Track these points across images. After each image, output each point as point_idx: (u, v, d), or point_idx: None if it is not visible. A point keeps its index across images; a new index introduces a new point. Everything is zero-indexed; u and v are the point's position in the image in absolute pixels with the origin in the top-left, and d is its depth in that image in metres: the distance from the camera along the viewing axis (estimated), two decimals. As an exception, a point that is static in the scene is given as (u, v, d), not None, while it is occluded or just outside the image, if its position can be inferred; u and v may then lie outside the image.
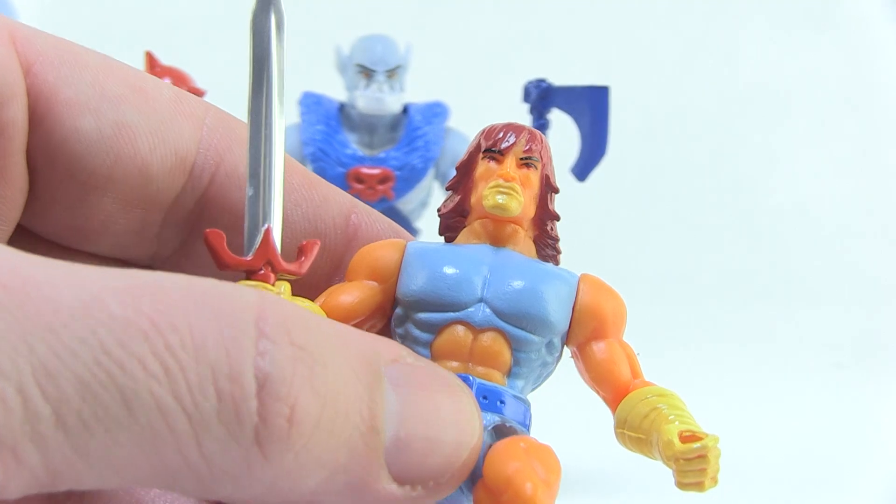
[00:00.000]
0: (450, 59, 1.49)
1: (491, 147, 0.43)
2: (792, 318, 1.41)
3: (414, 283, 0.41)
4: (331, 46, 1.05)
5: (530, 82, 0.97)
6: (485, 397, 0.40)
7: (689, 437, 0.37)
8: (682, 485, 0.37)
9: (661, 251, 1.52)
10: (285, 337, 0.29)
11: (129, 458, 0.27)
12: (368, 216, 0.46)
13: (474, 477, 0.36)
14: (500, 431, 0.39)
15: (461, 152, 1.17)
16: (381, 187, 1.04)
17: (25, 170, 0.41)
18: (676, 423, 0.38)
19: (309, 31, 1.41)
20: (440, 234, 0.45)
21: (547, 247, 0.45)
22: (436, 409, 0.33)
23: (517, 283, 0.41)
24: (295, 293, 0.40)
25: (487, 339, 0.41)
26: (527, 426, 0.41)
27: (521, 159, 0.43)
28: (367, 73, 1.02)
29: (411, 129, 1.05)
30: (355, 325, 0.42)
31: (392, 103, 1.03)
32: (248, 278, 0.37)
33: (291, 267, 0.38)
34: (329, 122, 1.05)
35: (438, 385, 0.35)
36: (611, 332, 0.43)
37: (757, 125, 1.61)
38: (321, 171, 1.04)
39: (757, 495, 0.85)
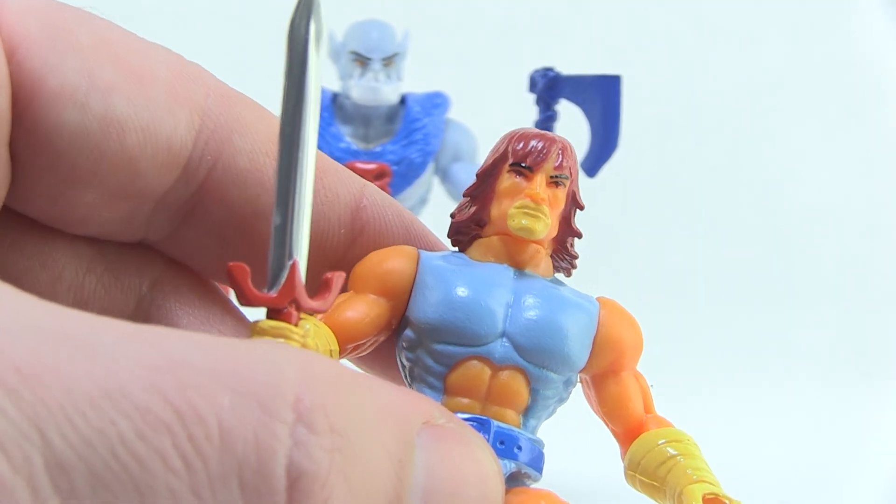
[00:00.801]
0: (450, 46, 1.47)
1: (520, 161, 0.42)
2: (817, 324, 1.39)
3: (430, 308, 0.40)
4: (323, 32, 1.03)
5: (537, 71, 0.95)
6: (502, 442, 0.39)
7: (712, 501, 0.39)
8: None
9: (676, 250, 1.51)
10: (325, 422, 0.28)
11: None
12: (378, 209, 0.45)
13: None
14: (514, 478, 0.39)
15: (463, 145, 1.16)
16: (377, 183, 1.01)
17: (9, 160, 0.39)
18: (694, 477, 0.40)
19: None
20: (449, 236, 0.44)
21: (562, 261, 0.44)
22: (459, 481, 0.33)
23: (540, 317, 0.40)
24: None
25: (506, 377, 0.40)
26: (540, 470, 0.41)
27: (552, 177, 0.41)
28: (362, 60, 1.00)
29: (409, 121, 1.03)
30: (359, 345, 0.41)
31: (389, 93, 1.00)
32: (269, 316, 0.35)
33: (316, 304, 0.36)
34: (321, 113, 1.03)
35: (465, 451, 0.34)
36: (628, 364, 0.43)
37: (779, 118, 1.60)
38: (313, 167, 1.02)
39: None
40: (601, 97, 0.90)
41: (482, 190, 0.43)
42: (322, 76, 0.37)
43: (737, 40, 1.62)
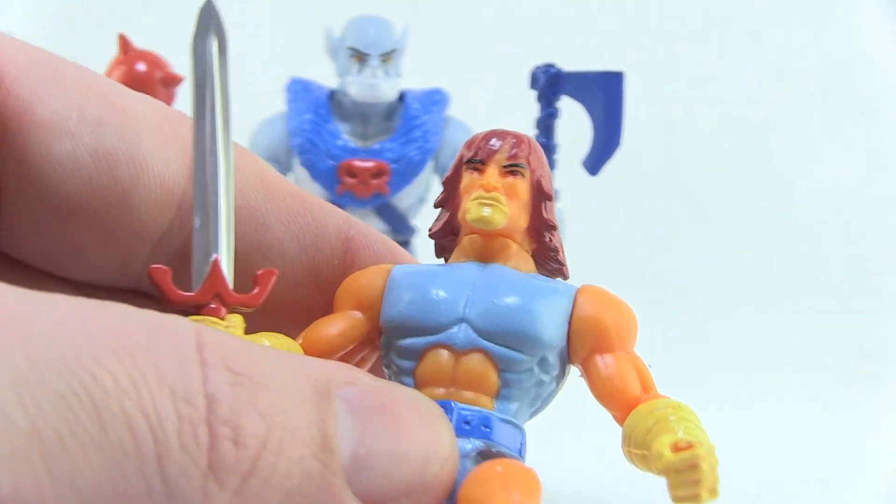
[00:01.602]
0: (450, 42, 1.47)
1: (472, 157, 0.42)
2: (826, 323, 1.39)
3: (391, 308, 0.40)
4: (320, 28, 1.03)
5: (538, 67, 0.95)
6: (467, 423, 0.39)
7: (682, 448, 0.36)
8: (676, 498, 0.36)
9: (679, 249, 1.51)
10: (221, 363, 0.31)
11: (95, 481, 0.28)
12: (366, 238, 0.46)
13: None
14: (485, 457, 0.39)
15: (462, 143, 1.16)
16: (375, 182, 1.02)
17: None
18: (672, 426, 0.38)
19: (297, 12, 1.40)
20: (437, 256, 0.44)
21: (549, 260, 0.43)
22: (397, 424, 0.34)
23: (501, 299, 0.40)
24: (288, 329, 0.40)
25: (470, 360, 0.40)
26: (518, 451, 0.40)
27: (505, 167, 0.42)
28: (360, 57, 1.00)
29: (408, 119, 1.03)
30: (341, 359, 0.41)
31: (387, 90, 1.00)
32: (197, 313, 0.37)
33: (244, 298, 0.38)
34: (318, 110, 1.03)
35: (398, 401, 0.35)
36: (616, 344, 0.41)
37: (783, 116, 1.60)
38: (310, 165, 1.02)
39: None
40: (604, 94, 0.90)
41: (449, 198, 0.43)
42: (229, 85, 0.39)
43: (740, 37, 1.62)
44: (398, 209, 1.05)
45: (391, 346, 0.41)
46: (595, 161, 0.90)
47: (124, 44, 0.99)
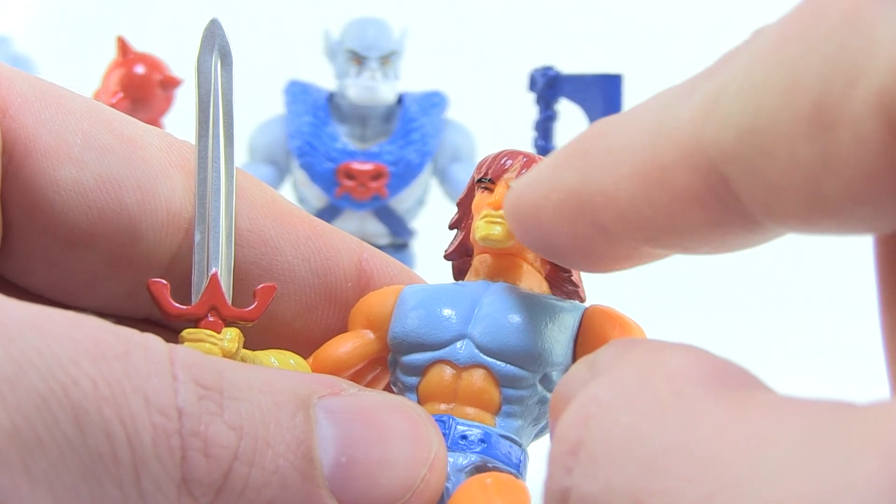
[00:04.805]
0: (448, 45, 1.48)
1: (483, 176, 0.42)
2: (831, 325, 1.39)
3: (397, 325, 0.41)
4: (319, 30, 1.04)
5: (536, 70, 0.96)
6: (464, 438, 0.39)
7: None
8: None
9: (692, 264, 1.51)
10: (191, 377, 0.31)
11: (73, 488, 0.28)
12: (379, 261, 0.46)
13: None
14: (480, 471, 0.39)
15: (461, 146, 1.16)
16: (373, 184, 1.02)
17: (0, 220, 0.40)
18: None
19: (295, 14, 1.41)
20: (454, 279, 0.44)
21: (563, 282, 0.43)
22: (379, 429, 0.34)
23: (504, 315, 0.40)
24: (305, 353, 0.40)
25: (471, 377, 0.40)
26: (517, 468, 0.40)
27: None
28: (359, 59, 1.00)
29: (406, 121, 1.03)
30: (351, 377, 0.41)
31: (386, 92, 1.01)
32: (195, 326, 0.38)
33: (242, 312, 0.39)
34: (317, 112, 1.03)
35: (383, 407, 0.35)
36: None
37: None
38: (309, 167, 1.03)
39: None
40: (602, 97, 0.90)
41: (463, 218, 0.43)
42: (233, 103, 0.40)
43: (739, 39, 1.63)
44: (397, 212, 1.06)
45: (396, 363, 0.41)
46: (594, 164, 0.90)
47: (123, 46, 0.99)
